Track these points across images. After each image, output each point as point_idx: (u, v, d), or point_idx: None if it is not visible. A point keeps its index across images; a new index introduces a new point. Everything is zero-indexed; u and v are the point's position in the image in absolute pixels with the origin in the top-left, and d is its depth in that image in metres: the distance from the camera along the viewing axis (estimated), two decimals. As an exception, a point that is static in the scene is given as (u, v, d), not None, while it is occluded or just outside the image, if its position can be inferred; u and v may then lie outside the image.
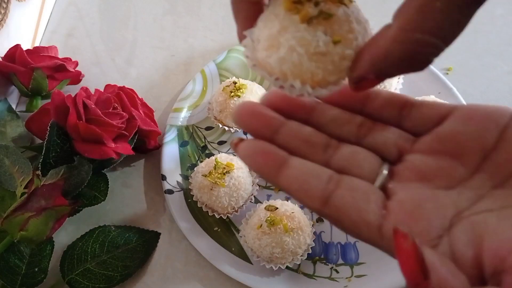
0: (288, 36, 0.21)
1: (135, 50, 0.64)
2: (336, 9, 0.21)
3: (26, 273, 0.44)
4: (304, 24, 0.20)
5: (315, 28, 0.20)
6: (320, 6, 0.21)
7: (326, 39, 0.20)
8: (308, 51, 0.20)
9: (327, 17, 0.21)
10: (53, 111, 0.46)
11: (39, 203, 0.43)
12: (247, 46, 0.23)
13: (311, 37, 0.20)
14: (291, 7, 0.21)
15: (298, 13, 0.21)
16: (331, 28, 0.21)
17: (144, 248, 0.47)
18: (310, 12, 0.20)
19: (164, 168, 0.51)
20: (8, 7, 0.56)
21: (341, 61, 0.21)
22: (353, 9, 0.21)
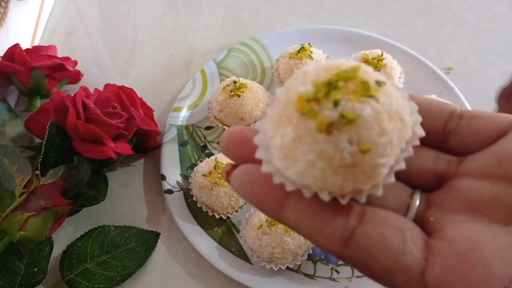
0: (304, 148, 0.17)
1: (134, 50, 0.64)
2: (362, 107, 0.16)
3: (26, 273, 0.44)
4: (322, 134, 0.17)
5: (336, 137, 0.16)
6: (340, 106, 0.16)
7: (352, 149, 0.17)
8: (331, 165, 0.17)
9: (351, 122, 0.16)
10: (53, 111, 0.46)
11: (38, 203, 0.42)
12: (261, 145, 0.19)
13: (332, 149, 0.17)
14: (306, 109, 0.17)
15: (314, 117, 0.17)
16: (357, 134, 0.16)
17: (143, 248, 0.47)
18: (328, 117, 0.16)
19: (164, 168, 0.51)
20: (8, 6, 0.56)
21: (374, 169, 0.17)
22: (384, 97, 0.17)
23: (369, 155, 0.17)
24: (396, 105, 0.17)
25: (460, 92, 0.53)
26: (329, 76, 0.17)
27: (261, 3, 0.67)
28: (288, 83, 0.19)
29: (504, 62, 0.59)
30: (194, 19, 0.66)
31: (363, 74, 0.17)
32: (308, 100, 0.17)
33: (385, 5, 0.65)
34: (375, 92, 0.17)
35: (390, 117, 0.17)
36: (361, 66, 0.18)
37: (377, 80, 0.17)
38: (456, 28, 0.62)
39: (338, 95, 0.17)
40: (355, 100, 0.17)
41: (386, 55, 0.52)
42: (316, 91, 0.17)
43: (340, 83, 0.17)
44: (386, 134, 0.17)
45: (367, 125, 0.16)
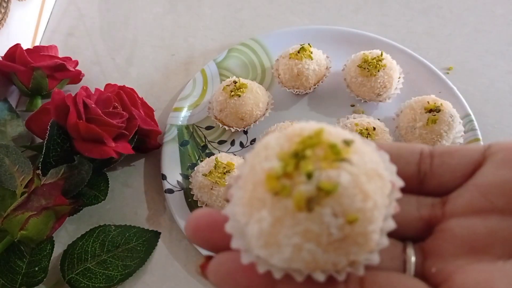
0: (287, 232, 0.15)
1: (135, 50, 0.64)
2: (338, 174, 0.15)
3: (26, 273, 0.44)
4: (303, 212, 0.15)
5: (319, 213, 0.15)
6: (315, 177, 0.15)
7: (338, 223, 0.15)
8: (320, 243, 0.15)
9: (330, 193, 0.15)
10: (53, 111, 0.46)
11: (39, 203, 0.43)
12: (235, 233, 0.17)
13: (318, 226, 0.15)
14: (278, 188, 0.15)
15: (289, 195, 0.15)
16: (340, 205, 0.15)
17: (144, 247, 0.47)
18: (305, 192, 0.15)
19: (164, 168, 0.51)
20: (8, 6, 0.56)
21: (366, 237, 0.16)
22: (356, 157, 0.16)
23: (358, 225, 0.15)
24: (370, 161, 0.16)
25: (459, 92, 0.53)
26: (293, 145, 0.16)
27: (261, 3, 0.67)
28: (250, 160, 0.17)
29: (504, 62, 0.59)
30: (195, 19, 0.66)
31: (328, 136, 0.16)
32: (278, 177, 0.15)
33: (385, 5, 0.66)
34: (346, 154, 0.15)
35: (369, 177, 0.16)
36: (324, 128, 0.16)
37: (345, 140, 0.16)
38: (455, 29, 0.63)
39: (309, 165, 0.15)
40: (328, 167, 0.15)
41: (386, 55, 0.53)
42: (284, 166, 0.15)
43: (307, 151, 0.15)
44: (370, 197, 0.15)
45: (348, 193, 0.15)
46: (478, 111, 0.53)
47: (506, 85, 0.57)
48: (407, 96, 0.52)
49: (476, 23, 0.63)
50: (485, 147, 0.18)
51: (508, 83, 0.58)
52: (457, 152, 0.19)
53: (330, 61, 0.56)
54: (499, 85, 0.58)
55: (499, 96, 0.57)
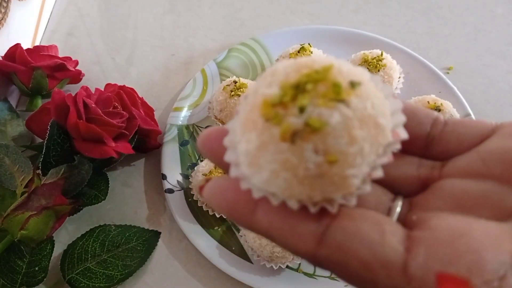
0: (268, 157, 0.16)
1: (135, 49, 0.64)
2: (330, 113, 0.15)
3: (27, 272, 0.44)
4: (286, 143, 0.15)
5: (300, 147, 0.15)
6: (306, 112, 0.15)
7: (317, 160, 0.15)
8: (296, 175, 0.16)
9: (316, 130, 0.15)
10: (54, 110, 0.46)
11: (40, 202, 0.43)
12: (230, 147, 0.18)
13: (297, 159, 0.15)
14: (270, 115, 0.16)
15: (278, 124, 0.15)
16: (324, 144, 0.15)
17: (144, 247, 0.47)
18: (292, 125, 0.15)
19: (165, 167, 0.51)
20: (9, 6, 0.56)
21: (344, 180, 0.16)
22: (356, 101, 0.16)
23: (337, 166, 0.15)
24: (372, 108, 0.16)
25: (459, 92, 0.53)
26: (298, 76, 0.16)
27: (261, 3, 0.67)
28: (256, 83, 0.17)
29: (504, 62, 0.59)
30: (195, 19, 0.66)
31: (336, 75, 0.16)
32: (274, 105, 0.16)
33: (385, 5, 0.66)
34: (346, 96, 0.15)
35: (362, 123, 0.16)
36: (335, 65, 0.16)
37: (352, 81, 0.16)
38: (455, 28, 0.63)
39: (305, 100, 0.15)
40: (323, 105, 0.15)
41: (386, 55, 0.53)
42: (282, 95, 0.16)
43: (308, 85, 0.15)
44: (356, 143, 0.15)
45: (334, 134, 0.15)
46: (478, 111, 0.53)
47: (506, 85, 0.57)
48: (407, 96, 0.52)
49: (476, 23, 0.63)
50: (497, 123, 0.19)
51: (508, 83, 0.58)
52: (470, 123, 0.19)
53: (330, 61, 0.56)
54: (499, 85, 0.58)
55: (499, 96, 0.57)
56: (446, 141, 0.19)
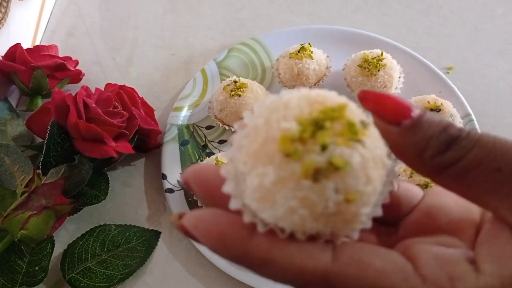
0: (286, 193, 0.16)
1: (135, 49, 0.64)
2: (351, 153, 0.15)
3: (27, 272, 0.44)
4: (308, 180, 0.15)
5: (323, 185, 0.15)
6: (328, 150, 0.15)
7: (337, 198, 0.16)
8: (313, 212, 0.16)
9: (339, 169, 0.15)
10: (54, 110, 0.46)
11: (40, 202, 0.43)
12: (229, 178, 0.17)
13: (317, 197, 0.15)
14: (290, 150, 0.15)
15: (299, 160, 0.15)
16: (344, 183, 0.16)
17: (144, 247, 0.47)
18: (315, 162, 0.15)
19: (165, 167, 0.51)
20: (9, 6, 0.56)
21: (355, 217, 0.16)
22: (369, 142, 0.16)
23: (353, 204, 0.16)
24: (380, 148, 0.17)
25: (459, 92, 0.53)
26: (313, 112, 0.16)
27: (261, 3, 0.67)
28: (265, 113, 0.17)
29: (504, 62, 0.59)
30: (195, 19, 0.66)
31: (349, 113, 0.16)
32: (293, 140, 0.16)
33: (385, 5, 0.66)
34: (362, 136, 0.16)
35: (375, 164, 0.16)
36: (347, 104, 0.17)
37: (362, 121, 0.16)
38: (456, 28, 0.63)
39: (326, 138, 0.15)
40: (343, 144, 0.15)
41: (386, 55, 0.53)
42: (302, 131, 0.16)
43: (327, 123, 0.16)
44: (372, 183, 0.16)
45: (354, 173, 0.16)
46: (478, 111, 0.53)
47: (507, 84, 0.57)
48: (407, 96, 0.52)
49: (477, 23, 0.63)
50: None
51: (508, 82, 0.58)
52: (405, 187, 0.20)
53: (330, 60, 0.56)
54: (499, 85, 0.58)
55: (500, 95, 0.57)
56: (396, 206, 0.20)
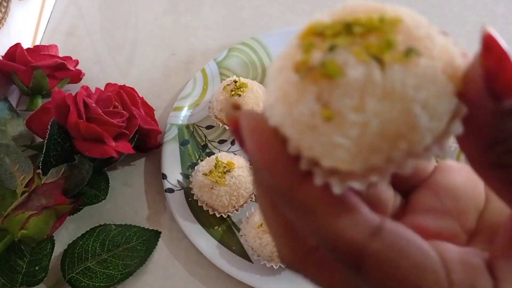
0: (279, 81, 0.14)
1: (135, 49, 0.64)
2: (354, 66, 0.13)
3: (27, 272, 0.44)
4: (296, 74, 0.14)
5: (305, 85, 0.13)
6: (334, 53, 0.13)
7: (314, 108, 0.13)
8: (290, 113, 0.14)
9: (328, 76, 0.13)
10: (54, 110, 0.46)
11: (40, 202, 0.43)
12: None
13: (295, 96, 0.13)
14: (305, 41, 0.14)
15: (305, 52, 0.14)
16: (329, 94, 0.13)
17: (144, 247, 0.47)
18: (311, 59, 0.13)
19: (165, 167, 0.51)
20: (9, 5, 0.56)
21: (329, 145, 0.13)
22: (398, 72, 0.13)
23: (329, 125, 0.13)
24: (413, 89, 0.13)
25: (460, 92, 0.53)
26: (358, 16, 0.14)
27: (261, 2, 0.67)
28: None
29: (504, 61, 0.59)
30: (195, 18, 0.66)
31: (401, 32, 0.13)
32: (315, 33, 0.14)
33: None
34: (390, 60, 0.13)
35: (385, 97, 0.13)
36: (407, 21, 0.14)
37: (411, 48, 0.13)
38: (456, 28, 0.63)
39: (342, 40, 0.13)
40: (355, 54, 0.13)
41: (386, 54, 0.52)
42: (327, 27, 0.14)
43: (358, 28, 0.13)
44: (363, 112, 0.13)
45: (345, 90, 0.13)
46: (478, 111, 0.53)
47: (507, 84, 0.57)
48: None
49: (477, 23, 0.63)
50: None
51: (508, 82, 0.58)
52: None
53: (330, 60, 0.56)
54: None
55: (500, 95, 0.56)
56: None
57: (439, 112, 0.13)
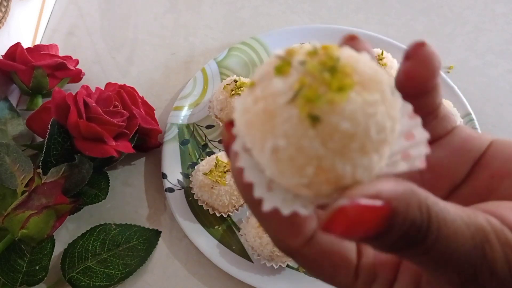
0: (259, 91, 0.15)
1: (135, 49, 0.64)
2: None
3: (27, 271, 0.44)
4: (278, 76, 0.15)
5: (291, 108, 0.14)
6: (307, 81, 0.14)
7: (292, 112, 0.14)
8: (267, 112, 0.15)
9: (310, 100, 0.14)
10: (54, 110, 0.46)
11: (40, 201, 0.43)
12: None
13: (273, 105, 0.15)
14: (277, 66, 0.15)
15: (282, 74, 0.15)
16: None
17: (144, 246, 0.47)
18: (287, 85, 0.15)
19: (165, 167, 0.51)
20: (9, 5, 0.56)
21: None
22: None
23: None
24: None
25: (459, 91, 0.53)
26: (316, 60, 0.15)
27: (261, 2, 0.67)
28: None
29: (504, 61, 0.59)
30: (195, 18, 0.66)
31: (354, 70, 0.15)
32: (280, 58, 0.15)
33: (385, 4, 0.66)
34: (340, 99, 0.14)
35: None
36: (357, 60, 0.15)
37: (342, 85, 0.14)
38: (456, 27, 0.63)
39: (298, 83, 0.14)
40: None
41: (386, 54, 0.52)
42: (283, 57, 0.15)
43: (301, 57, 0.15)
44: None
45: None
46: (478, 110, 0.53)
47: (507, 84, 0.57)
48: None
49: (477, 22, 0.63)
50: (452, 126, 0.20)
51: (508, 82, 0.58)
52: (443, 118, 0.20)
53: (330, 60, 0.56)
54: (499, 84, 0.58)
55: (500, 95, 0.57)
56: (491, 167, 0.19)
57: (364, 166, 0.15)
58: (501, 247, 0.14)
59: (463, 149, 0.20)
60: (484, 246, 0.14)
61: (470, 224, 0.15)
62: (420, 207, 0.14)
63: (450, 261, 0.14)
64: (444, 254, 0.14)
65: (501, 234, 0.15)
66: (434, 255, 0.14)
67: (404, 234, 0.14)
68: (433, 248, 0.14)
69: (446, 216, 0.14)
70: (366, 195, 0.14)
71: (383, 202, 0.14)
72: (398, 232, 0.14)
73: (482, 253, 0.14)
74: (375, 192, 0.14)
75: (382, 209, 0.14)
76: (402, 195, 0.14)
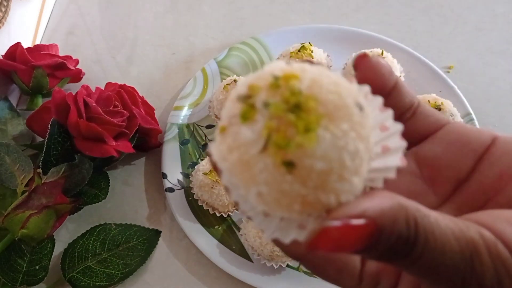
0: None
1: (135, 48, 0.64)
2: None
3: (27, 271, 0.44)
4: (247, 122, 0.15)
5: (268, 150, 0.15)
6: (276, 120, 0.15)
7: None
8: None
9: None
10: (54, 109, 0.46)
11: (40, 201, 0.43)
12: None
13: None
14: (243, 108, 0.15)
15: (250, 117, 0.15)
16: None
17: (144, 246, 0.47)
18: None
19: (165, 166, 0.51)
20: (9, 5, 0.56)
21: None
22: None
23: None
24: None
25: (459, 91, 0.53)
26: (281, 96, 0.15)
27: (261, 2, 0.67)
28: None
29: (504, 61, 0.59)
30: (195, 18, 0.66)
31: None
32: (242, 97, 0.16)
33: (385, 4, 0.66)
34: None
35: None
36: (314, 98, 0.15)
37: (307, 127, 0.15)
38: (456, 27, 0.62)
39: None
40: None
41: (386, 54, 0.52)
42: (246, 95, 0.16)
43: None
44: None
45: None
46: (478, 110, 0.53)
47: (507, 83, 0.57)
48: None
49: (477, 22, 0.63)
50: (443, 122, 0.21)
51: (509, 81, 0.58)
52: (427, 115, 0.21)
53: (330, 60, 0.56)
54: (500, 84, 0.58)
55: (500, 94, 0.56)
56: (410, 129, 0.20)
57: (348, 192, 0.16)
58: (491, 260, 0.15)
59: (461, 142, 0.20)
60: (473, 259, 0.15)
61: (461, 237, 0.15)
62: (408, 221, 0.15)
63: (438, 272, 0.15)
64: (431, 265, 0.15)
65: (493, 248, 0.15)
66: (421, 265, 0.15)
67: (391, 247, 0.15)
68: (420, 259, 0.15)
69: (435, 229, 0.15)
70: (350, 216, 0.14)
71: (367, 220, 0.14)
72: (385, 246, 0.15)
73: (470, 266, 0.15)
74: (359, 212, 0.14)
75: (366, 227, 0.14)
76: (388, 211, 0.14)
